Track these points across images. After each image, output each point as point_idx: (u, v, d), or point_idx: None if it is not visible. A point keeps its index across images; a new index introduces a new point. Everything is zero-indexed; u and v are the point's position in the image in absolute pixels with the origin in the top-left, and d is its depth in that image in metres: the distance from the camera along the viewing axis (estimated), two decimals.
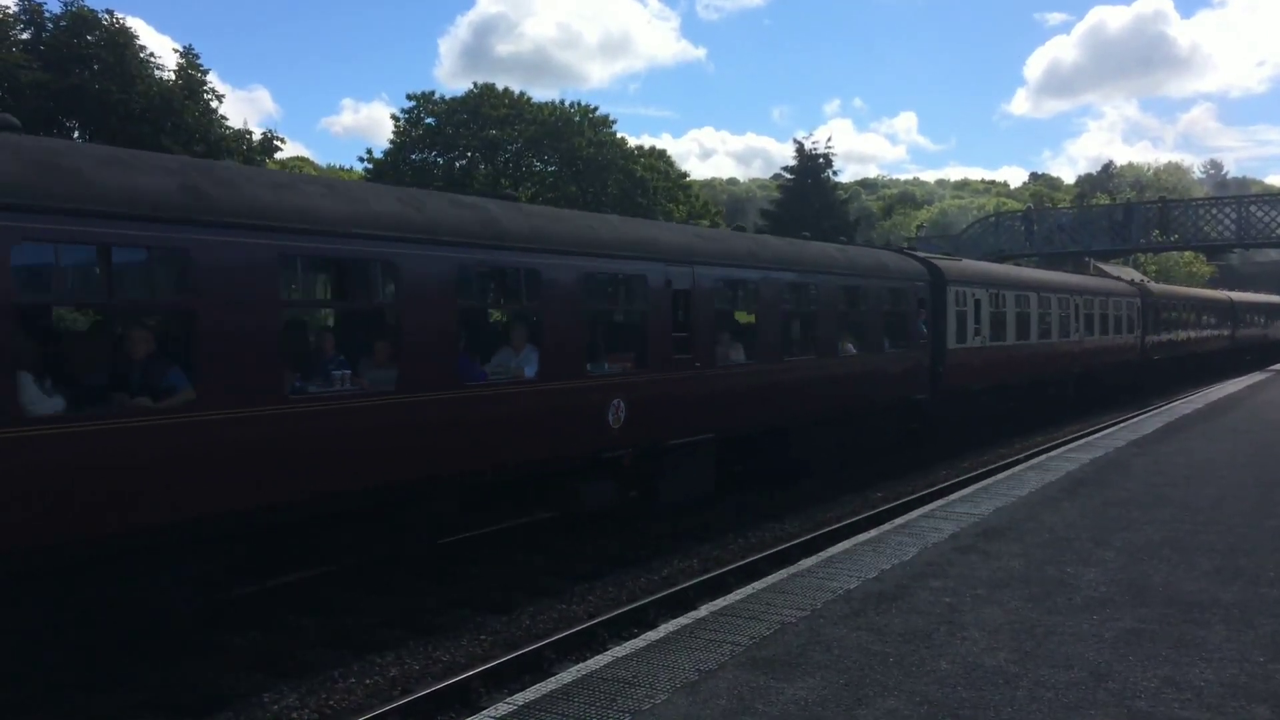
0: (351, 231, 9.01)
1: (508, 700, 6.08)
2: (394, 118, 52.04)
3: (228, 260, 8.00)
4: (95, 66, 30.31)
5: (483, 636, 9.71)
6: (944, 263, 21.30)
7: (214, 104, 34.01)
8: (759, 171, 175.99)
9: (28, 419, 6.76)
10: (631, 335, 12.90)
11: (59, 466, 6.92)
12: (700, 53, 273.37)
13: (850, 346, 17.31)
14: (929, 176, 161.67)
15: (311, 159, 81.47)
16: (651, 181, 52.14)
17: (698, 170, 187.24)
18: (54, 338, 8.26)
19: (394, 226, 9.44)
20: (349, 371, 9.36)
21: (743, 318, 15.48)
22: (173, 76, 32.90)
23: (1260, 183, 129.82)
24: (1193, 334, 41.53)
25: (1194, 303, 43.18)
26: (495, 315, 12.47)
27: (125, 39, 31.18)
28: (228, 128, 34.30)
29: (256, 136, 35.29)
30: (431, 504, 10.16)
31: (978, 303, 21.62)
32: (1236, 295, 52.10)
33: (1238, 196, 51.70)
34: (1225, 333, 47.17)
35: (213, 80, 34.20)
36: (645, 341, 12.57)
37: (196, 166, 8.62)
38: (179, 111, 31.33)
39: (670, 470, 12.99)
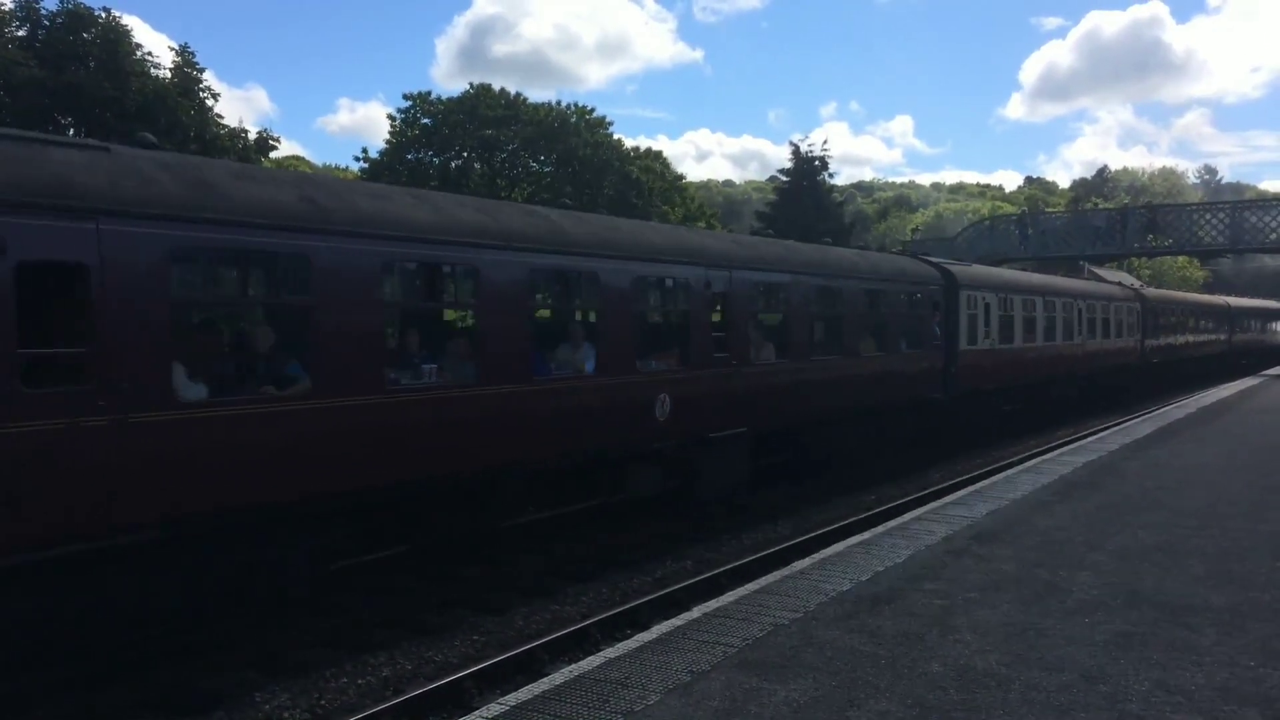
0: (439, 238, 9.95)
1: (500, 700, 6.08)
2: (390, 117, 52.12)
3: (339, 264, 8.92)
4: (91, 64, 30.32)
5: (476, 637, 9.71)
6: (956, 268, 21.98)
7: (209, 102, 34.01)
8: (755, 174, 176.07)
9: (179, 404, 7.79)
10: (675, 334, 13.72)
11: (201, 445, 7.86)
12: (697, 55, 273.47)
13: (871, 347, 18.05)
14: (924, 180, 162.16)
15: (307, 158, 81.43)
16: (647, 183, 52.20)
17: (694, 172, 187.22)
18: (198, 333, 9.04)
19: (474, 233, 10.35)
20: (436, 365, 10.25)
21: (772, 319, 16.23)
22: (168, 74, 32.89)
23: (1254, 188, 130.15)
24: (1190, 338, 42.26)
25: (1192, 308, 43.91)
26: (544, 314, 12.97)
27: (121, 36, 31.20)
28: (223, 126, 34.31)
29: (252, 135, 35.33)
30: (506, 489, 11.15)
31: (988, 306, 22.40)
32: (1233, 301, 52.97)
33: (1229, 202, 51.85)
34: (1222, 337, 47.93)
35: (209, 79, 34.26)
36: (688, 340, 13.42)
37: (310, 180, 9.94)
38: (174, 110, 31.35)
39: (709, 461, 13.75)
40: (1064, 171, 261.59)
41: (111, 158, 7.78)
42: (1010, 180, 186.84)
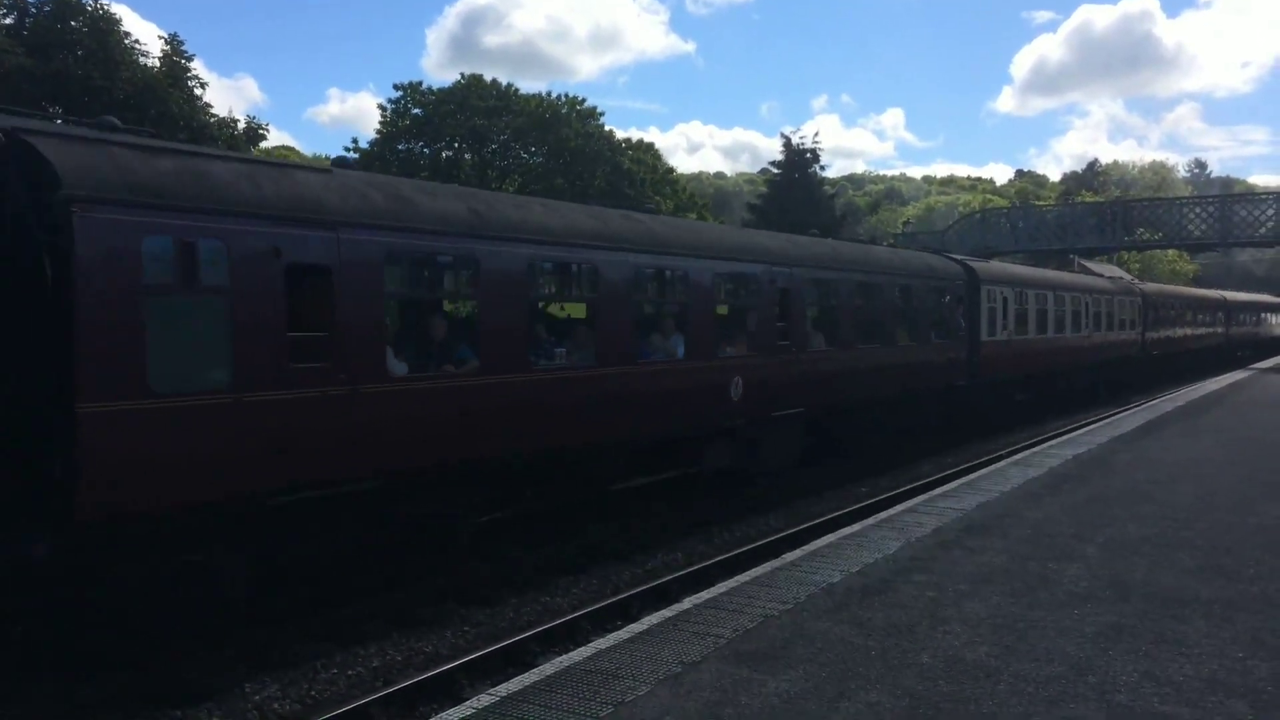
0: (566, 241, 11.70)
1: (490, 692, 6.08)
2: (381, 108, 51.93)
3: (496, 264, 10.72)
4: (79, 52, 30.13)
5: (466, 628, 9.71)
6: (978, 264, 23.93)
7: (198, 92, 33.84)
8: (746, 166, 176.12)
9: (390, 378, 9.60)
10: (745, 325, 15.27)
11: (404, 413, 9.64)
12: (689, 47, 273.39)
13: (905, 337, 19.75)
14: (915, 173, 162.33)
15: (297, 148, 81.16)
16: (639, 174, 52.11)
17: (685, 164, 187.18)
18: (402, 321, 11.16)
19: (591, 237, 12.09)
20: (564, 349, 12.02)
21: (823, 311, 17.56)
22: (157, 64, 32.70)
23: (1243, 182, 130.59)
24: (1188, 331, 43.78)
25: (1190, 302, 45.42)
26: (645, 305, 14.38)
27: (109, 25, 31.00)
28: (212, 115, 34.14)
29: (241, 125, 35.17)
30: (615, 458, 12.82)
31: (1005, 300, 24.05)
32: (1230, 295, 54.35)
33: (1217, 195, 52.02)
34: (1219, 330, 49.34)
35: (198, 68, 34.09)
36: (757, 330, 15.17)
37: (473, 194, 11.73)
38: (163, 99, 31.16)
39: (771, 437, 15.45)
40: (1054, 165, 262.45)
41: (335, 178, 9.59)
42: (1001, 174, 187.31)
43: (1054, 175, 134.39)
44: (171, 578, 8.14)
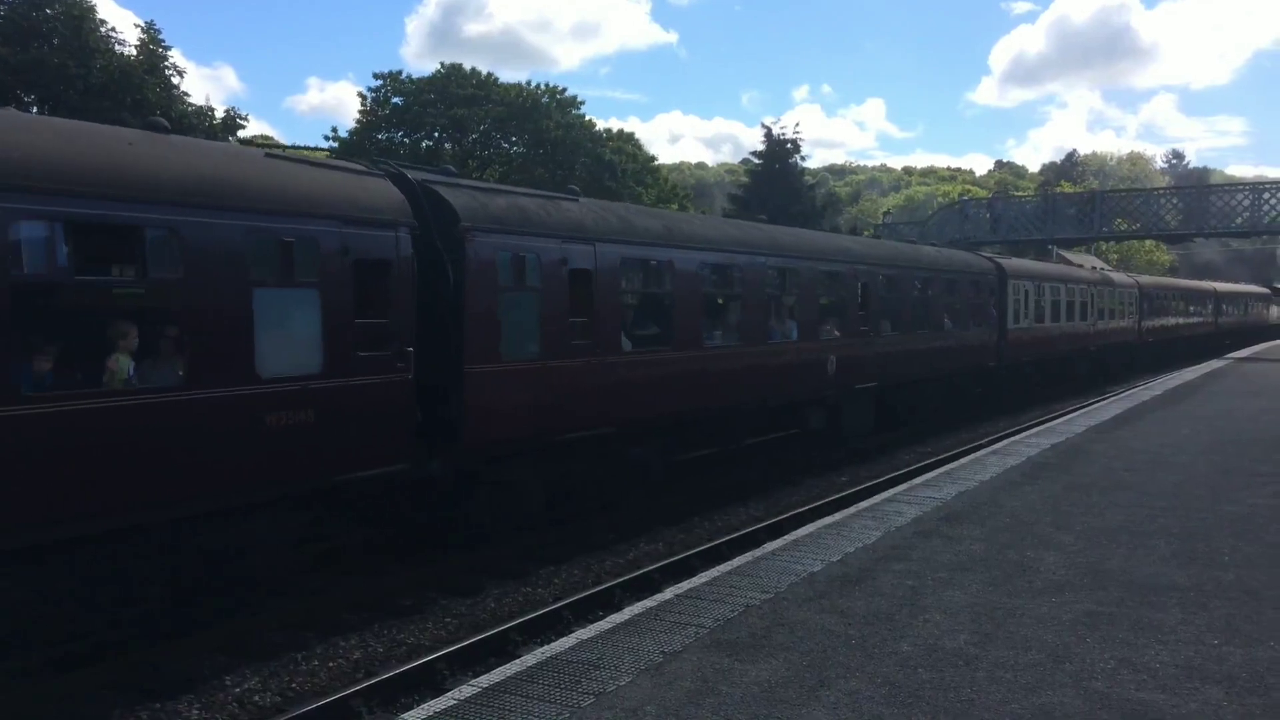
0: (721, 247, 15.00)
1: (472, 682, 6.08)
2: (360, 96, 51.56)
3: (682, 266, 13.88)
4: (54, 40, 29.79)
5: (448, 619, 9.71)
6: (1005, 261, 27.36)
7: (175, 80, 33.53)
8: (728, 156, 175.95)
9: (622, 352, 12.76)
10: (837, 312, 18.36)
11: (630, 378, 12.85)
12: (672, 37, 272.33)
13: (950, 324, 22.85)
14: (896, 163, 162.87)
15: (276, 138, 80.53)
16: (620, 164, 51.98)
17: (666, 154, 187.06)
18: (640, 309, 14.23)
19: (736, 244, 15.46)
20: (719, 332, 15.03)
21: (890, 301, 20.42)
22: (133, 52, 32.38)
23: (1220, 172, 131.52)
24: (1181, 320, 47.06)
25: (1182, 292, 48.41)
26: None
27: (84, 13, 30.65)
28: (190, 104, 33.86)
29: (219, 114, 34.89)
30: (750, 418, 15.88)
31: (1027, 293, 27.41)
32: (1220, 285, 57.47)
33: (1193, 186, 52.39)
34: (1210, 319, 52.27)
35: (175, 57, 33.77)
36: (845, 317, 18.35)
37: (661, 214, 16.46)
38: (139, 87, 30.86)
39: (852, 407, 18.68)
40: (1033, 155, 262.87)
41: (586, 205, 13.05)
42: (980, 164, 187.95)
43: (1033, 166, 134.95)
44: (514, 489, 11.58)
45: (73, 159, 7.41)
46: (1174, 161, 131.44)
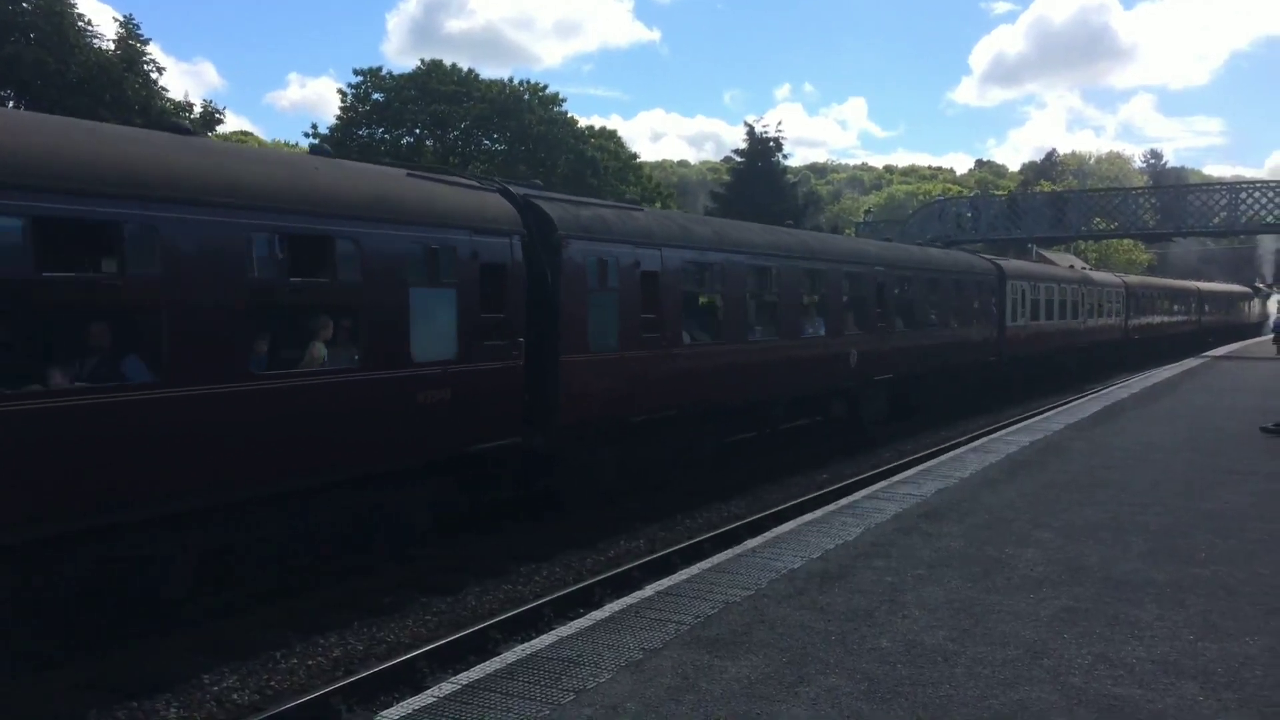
0: (762, 251, 16.63)
1: (452, 680, 6.07)
2: (341, 93, 51.34)
3: (731, 269, 15.53)
4: (32, 36, 29.49)
5: (428, 617, 9.68)
6: (1004, 262, 29.28)
7: (154, 75, 33.28)
8: (710, 154, 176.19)
9: (684, 345, 14.41)
10: (859, 310, 19.90)
11: (690, 369, 14.47)
12: (654, 35, 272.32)
13: (956, 322, 24.45)
14: (877, 162, 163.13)
15: (257, 134, 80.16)
16: (602, 162, 51.93)
17: (648, 152, 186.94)
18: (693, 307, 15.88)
19: (773, 249, 17.07)
20: (759, 328, 16.50)
21: (902, 300, 22.04)
22: (112, 47, 32.12)
23: (1198, 172, 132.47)
24: (1166, 319, 48.74)
25: (1166, 292, 50.03)
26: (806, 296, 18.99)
27: (63, 8, 30.36)
28: (169, 100, 33.62)
29: (198, 110, 34.65)
30: (783, 406, 17.60)
31: (1024, 292, 29.10)
32: (1203, 285, 59.13)
33: (1171, 186, 52.81)
34: (1193, 318, 53.93)
35: (154, 52, 33.49)
36: (865, 314, 19.92)
37: (709, 221, 18.25)
38: (118, 83, 30.61)
39: (870, 396, 20.54)
40: (1013, 155, 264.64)
41: (652, 214, 15.40)
42: (961, 163, 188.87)
43: (1013, 165, 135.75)
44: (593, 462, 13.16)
45: (286, 184, 9.11)
46: (1152, 161, 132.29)
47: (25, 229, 6.99)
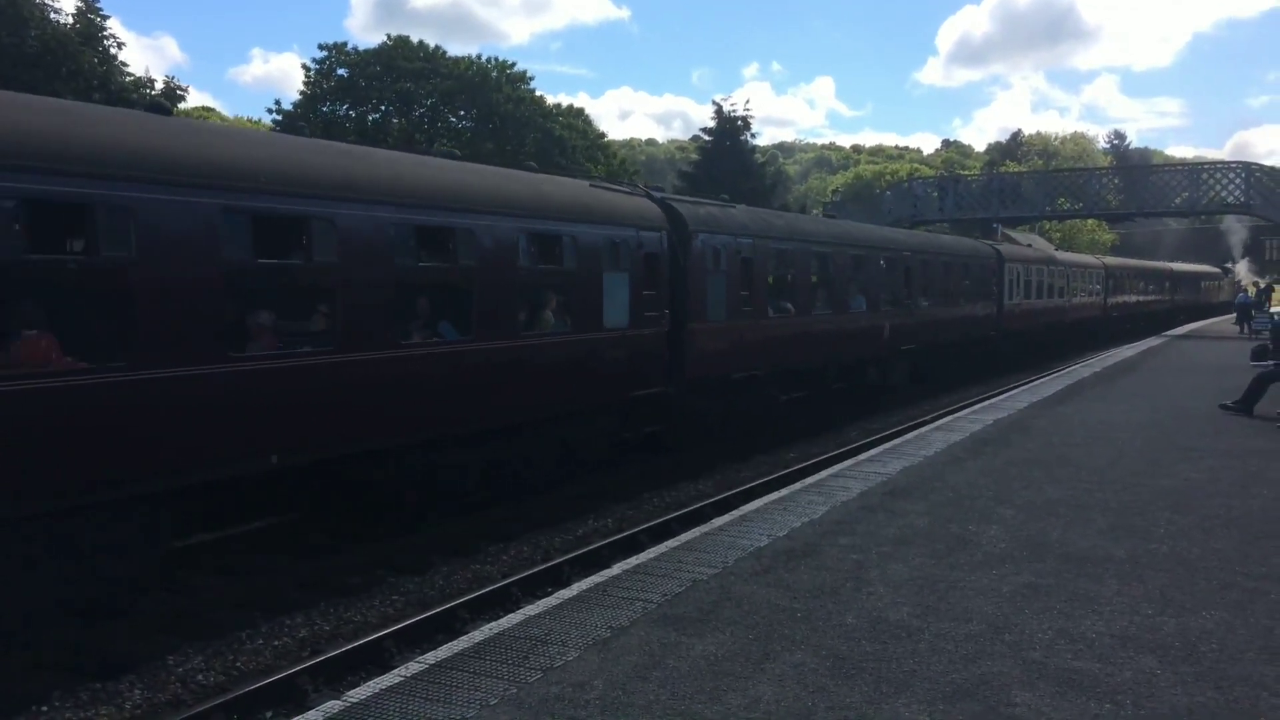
0: (818, 239, 19.97)
1: (419, 659, 6.06)
2: (305, 68, 50.72)
3: (800, 254, 18.95)
4: None
5: (396, 597, 9.66)
6: (1002, 247, 32.77)
7: (113, 50, 32.71)
8: (678, 133, 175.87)
9: (770, 316, 17.66)
10: (891, 289, 23.04)
11: (774, 336, 17.80)
12: (624, 14, 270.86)
13: (963, 300, 27.67)
14: (845, 141, 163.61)
15: (220, 110, 78.99)
16: (570, 140, 51.68)
17: (616, 130, 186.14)
18: (773, 286, 18.44)
19: (829, 236, 20.58)
20: (818, 304, 19.68)
21: (921, 280, 24.94)
22: (70, 21, 31.53)
23: (1161, 153, 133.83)
24: (1140, 298, 52.66)
25: (1141, 272, 53.88)
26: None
27: None
28: (128, 76, 33.07)
29: (159, 86, 34.12)
30: (831, 371, 20.67)
31: (1018, 274, 32.37)
32: (1175, 266, 62.79)
33: (1136, 166, 53.38)
34: (1166, 297, 58.15)
35: (114, 27, 32.94)
36: (895, 293, 23.19)
37: (782, 215, 20.62)
38: (75, 57, 30.06)
39: (896, 365, 23.86)
40: (979, 135, 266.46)
41: (745, 210, 18.47)
42: (928, 143, 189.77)
43: (979, 145, 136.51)
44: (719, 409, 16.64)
45: (536, 196, 12.59)
46: (1116, 142, 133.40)
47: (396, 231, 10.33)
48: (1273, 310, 36.14)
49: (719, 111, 55.36)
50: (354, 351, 9.70)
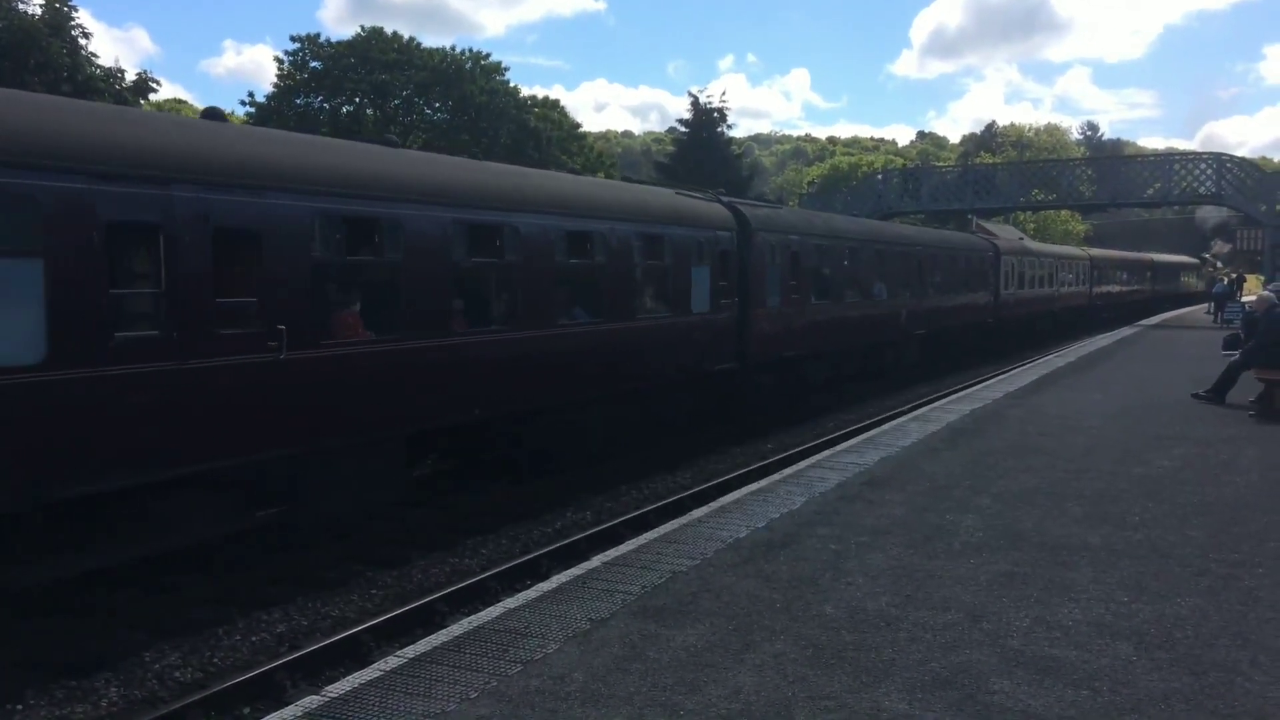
0: (851, 235, 22.83)
1: (398, 653, 6.03)
2: (278, 60, 50.30)
3: (835, 248, 21.63)
4: None
5: (374, 591, 9.61)
6: (999, 242, 35.07)
7: (82, 41, 32.31)
8: (654, 125, 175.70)
9: (814, 304, 20.51)
10: (908, 279, 25.86)
11: (821, 320, 20.77)
12: (600, 6, 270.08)
13: (963, 289, 30.31)
14: (820, 133, 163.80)
15: (191, 102, 78.20)
16: (545, 132, 51.49)
17: (592, 122, 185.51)
18: (813, 277, 20.80)
19: (859, 233, 23.92)
20: (848, 292, 22.17)
21: (928, 273, 27.53)
22: (38, 11, 31.11)
23: (1133, 144, 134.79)
24: (1123, 287, 55.79)
25: (1124, 263, 57.07)
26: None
27: None
28: (98, 67, 32.68)
29: (130, 78, 33.74)
30: (857, 352, 23.37)
31: (1013, 266, 35.35)
32: (1156, 256, 65.63)
33: (1108, 157, 53.76)
34: (1147, 286, 61.54)
35: (84, 18, 32.53)
36: (909, 283, 25.91)
37: (824, 215, 26.63)
38: (44, 49, 29.67)
39: (910, 348, 26.57)
40: (953, 127, 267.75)
41: (799, 211, 27.53)
42: (903, 135, 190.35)
43: (953, 137, 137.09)
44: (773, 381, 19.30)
45: (643, 205, 15.27)
46: (1089, 133, 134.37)
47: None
48: (1244, 299, 36.54)
49: (695, 103, 55.35)
50: (528, 330, 12.32)
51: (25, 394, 7.10)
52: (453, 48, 51.92)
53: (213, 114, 9.87)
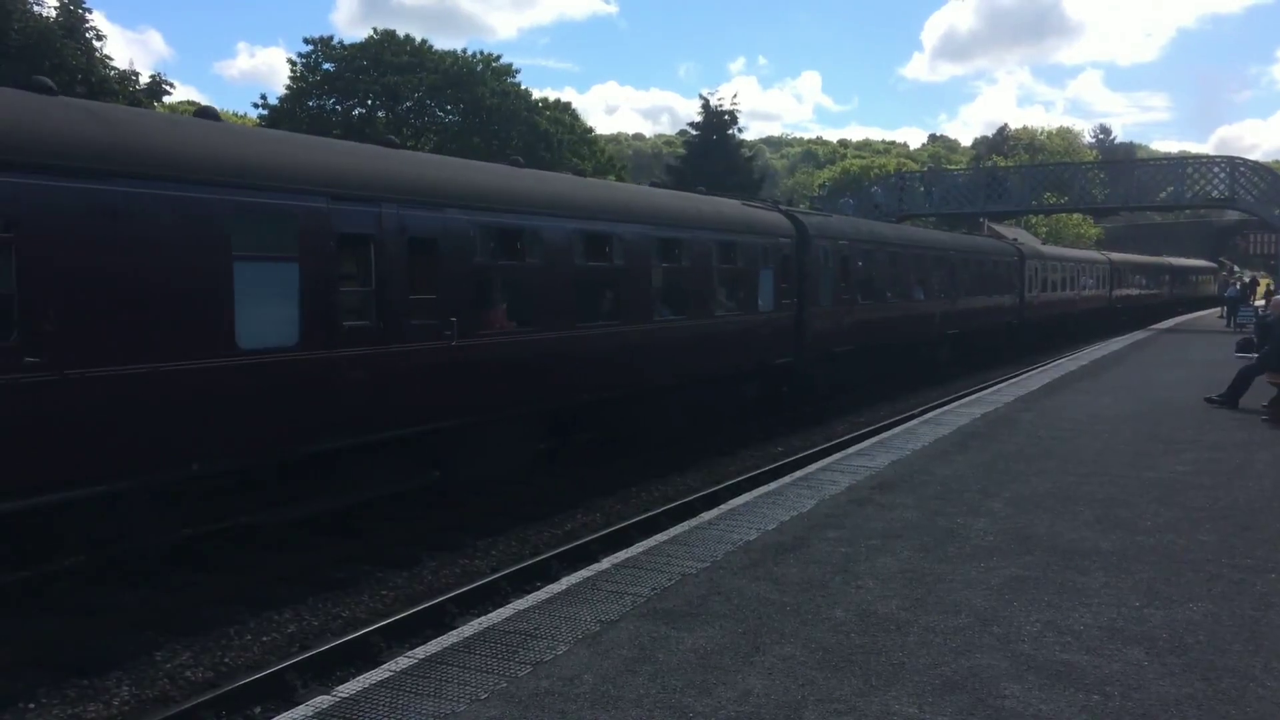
0: (892, 241, 24.76)
1: (408, 654, 6.04)
2: (291, 62, 50.51)
3: (878, 252, 23.25)
4: None
5: (384, 592, 9.63)
6: (1023, 246, 36.94)
7: (96, 43, 32.47)
8: (665, 127, 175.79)
9: (858, 304, 22.16)
10: (941, 283, 27.44)
11: (861, 320, 22.22)
12: (612, 9, 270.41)
13: (989, 292, 31.85)
14: (832, 136, 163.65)
15: (205, 104, 78.28)
16: (556, 134, 51.55)
17: (603, 125, 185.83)
18: (858, 278, 22.49)
19: (899, 239, 25.51)
20: (889, 293, 23.85)
21: (959, 276, 29.23)
22: (53, 14, 31.28)
23: (1146, 147, 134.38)
24: (1141, 291, 57.09)
25: (1143, 267, 58.59)
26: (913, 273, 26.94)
27: None
28: (112, 69, 32.84)
29: (144, 80, 33.89)
30: (897, 349, 24.84)
31: (1037, 269, 36.84)
32: (1174, 261, 67.05)
33: (1121, 160, 53.61)
34: (1165, 290, 62.83)
35: (98, 20, 32.69)
36: (942, 285, 27.44)
37: (867, 222, 26.71)
38: (58, 51, 29.83)
39: (944, 347, 28.33)
40: (965, 130, 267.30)
41: (841, 219, 24.25)
42: (914, 138, 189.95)
43: (965, 140, 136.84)
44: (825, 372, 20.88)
45: (720, 217, 17.20)
46: (1101, 136, 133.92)
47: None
48: (1257, 304, 36.33)
49: (706, 106, 55.38)
50: (630, 324, 14.11)
51: (287, 370, 9.03)
52: (464, 50, 52.11)
53: (206, 113, 9.88)
